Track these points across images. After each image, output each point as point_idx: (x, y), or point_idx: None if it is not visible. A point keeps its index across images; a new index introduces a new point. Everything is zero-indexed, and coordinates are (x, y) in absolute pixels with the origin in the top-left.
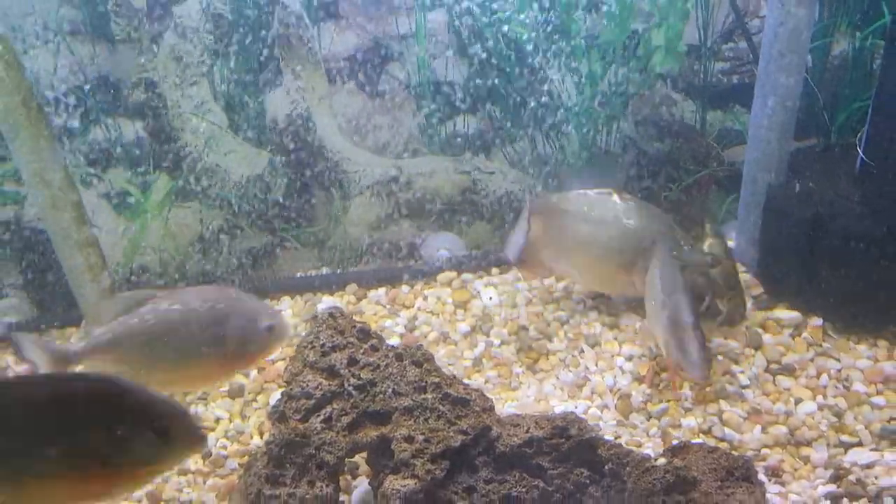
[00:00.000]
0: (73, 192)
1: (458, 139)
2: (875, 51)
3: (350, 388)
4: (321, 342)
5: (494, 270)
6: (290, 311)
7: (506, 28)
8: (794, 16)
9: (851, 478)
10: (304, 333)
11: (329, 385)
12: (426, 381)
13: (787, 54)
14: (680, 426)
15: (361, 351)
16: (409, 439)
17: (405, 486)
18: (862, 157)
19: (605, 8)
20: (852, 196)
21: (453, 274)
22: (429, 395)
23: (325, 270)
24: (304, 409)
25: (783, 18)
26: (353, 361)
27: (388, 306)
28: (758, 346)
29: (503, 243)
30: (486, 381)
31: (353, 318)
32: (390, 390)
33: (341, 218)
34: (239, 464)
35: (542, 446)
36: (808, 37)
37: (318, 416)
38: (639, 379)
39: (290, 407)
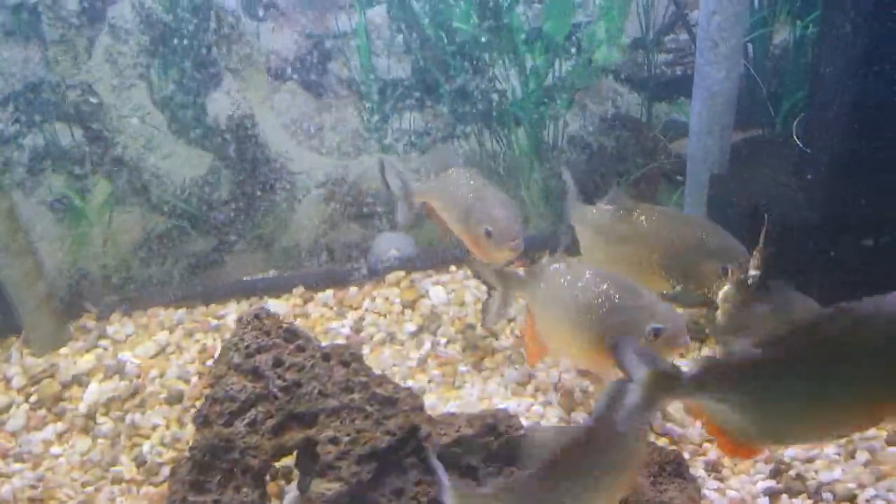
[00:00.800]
0: (4, 200)
1: (405, 137)
2: (815, 40)
3: (275, 390)
4: (245, 344)
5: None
6: (235, 315)
7: (448, 24)
8: (727, 5)
9: (791, 473)
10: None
11: (253, 387)
12: (353, 382)
13: (721, 44)
14: None
15: (287, 352)
16: (335, 441)
17: (330, 489)
18: (800, 146)
19: (545, 2)
20: (792, 184)
21: (402, 273)
22: (356, 396)
23: (271, 273)
24: (227, 413)
25: (716, 8)
26: (278, 363)
27: (334, 308)
28: (703, 339)
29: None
30: (430, 381)
31: (281, 318)
32: (316, 391)
33: (288, 220)
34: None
35: (472, 445)
36: (743, 26)
37: (243, 419)
38: (582, 374)
39: (214, 411)
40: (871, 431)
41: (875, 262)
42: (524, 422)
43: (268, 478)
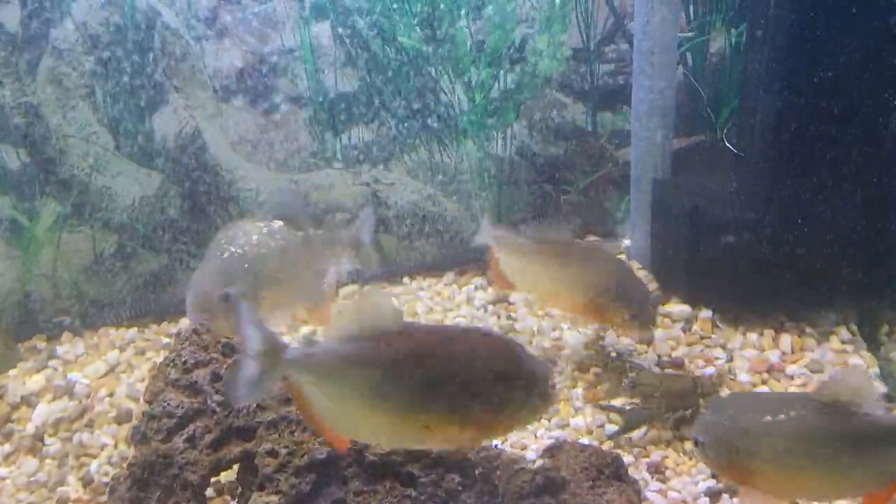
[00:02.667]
0: None
1: (355, 151)
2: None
3: (213, 405)
4: (183, 359)
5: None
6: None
7: (392, 38)
8: (658, 13)
9: None
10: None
11: (191, 403)
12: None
13: (656, 52)
14: (568, 426)
15: (225, 366)
16: (273, 453)
17: (269, 502)
18: (731, 148)
19: (487, 15)
20: (728, 187)
21: (356, 286)
22: (294, 407)
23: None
24: (165, 429)
25: (649, 17)
26: (216, 377)
27: (288, 322)
28: (649, 342)
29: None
30: None
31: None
32: (254, 405)
33: None
34: None
35: (412, 453)
36: (675, 34)
37: (181, 435)
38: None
39: (152, 427)
40: None
41: (800, 258)
42: None
43: (212, 492)
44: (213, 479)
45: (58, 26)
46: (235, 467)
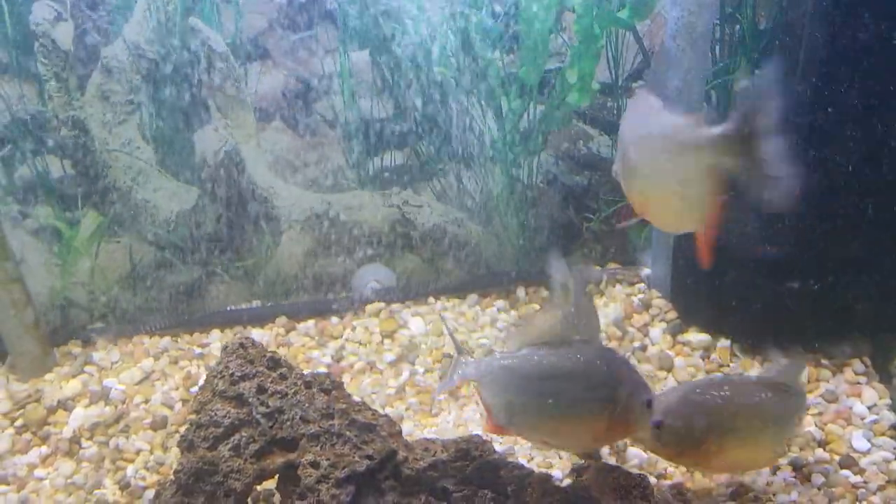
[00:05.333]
0: None
1: (386, 174)
2: None
3: (258, 416)
4: (230, 371)
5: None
6: (219, 343)
7: (426, 66)
8: (688, 54)
9: (750, 495)
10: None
11: (237, 413)
12: (333, 408)
13: (684, 91)
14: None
15: (270, 379)
16: (315, 465)
17: None
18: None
19: (520, 48)
20: (753, 219)
21: (382, 305)
22: (335, 422)
23: (255, 304)
24: (212, 438)
25: (679, 56)
26: (261, 390)
27: (316, 338)
28: (669, 369)
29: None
30: (408, 408)
31: (264, 347)
32: (298, 417)
33: (271, 252)
34: None
35: (447, 469)
36: (704, 76)
37: (227, 443)
38: None
39: (199, 435)
40: (823, 454)
41: (817, 291)
42: (497, 447)
43: (250, 501)
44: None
45: (109, 45)
46: (275, 477)
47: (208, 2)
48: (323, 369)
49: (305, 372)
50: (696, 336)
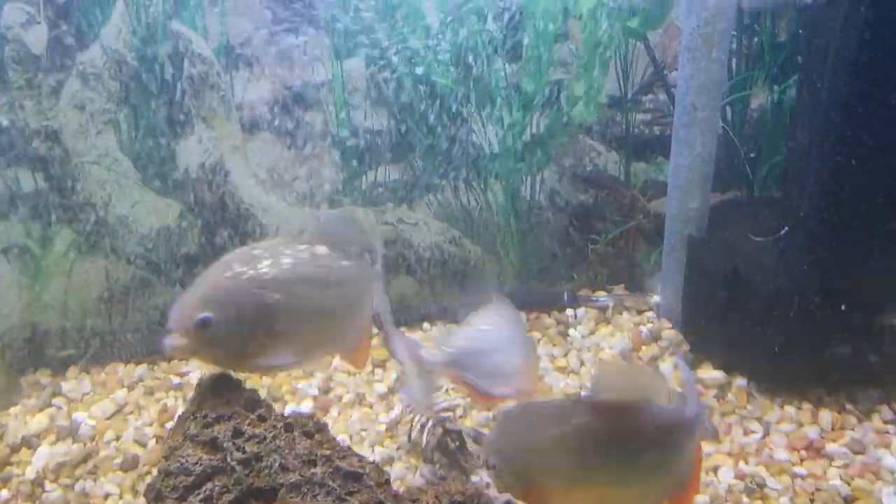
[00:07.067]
0: None
1: (380, 189)
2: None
3: (233, 463)
4: (203, 413)
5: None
6: (198, 373)
7: (424, 76)
8: (705, 69)
9: None
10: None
11: (210, 460)
12: (316, 454)
13: (699, 107)
14: None
15: (248, 421)
16: None
17: None
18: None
19: (524, 58)
20: (771, 250)
21: (374, 330)
22: (318, 470)
23: None
24: (182, 487)
25: (694, 72)
26: (237, 433)
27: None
28: None
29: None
30: (399, 448)
31: (243, 383)
32: (277, 464)
33: None
34: None
35: None
36: (721, 90)
37: (198, 494)
38: None
39: (167, 485)
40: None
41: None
42: (493, 495)
43: None
44: None
45: (84, 51)
46: None
47: (192, 4)
48: (309, 402)
49: (287, 411)
50: (709, 373)
